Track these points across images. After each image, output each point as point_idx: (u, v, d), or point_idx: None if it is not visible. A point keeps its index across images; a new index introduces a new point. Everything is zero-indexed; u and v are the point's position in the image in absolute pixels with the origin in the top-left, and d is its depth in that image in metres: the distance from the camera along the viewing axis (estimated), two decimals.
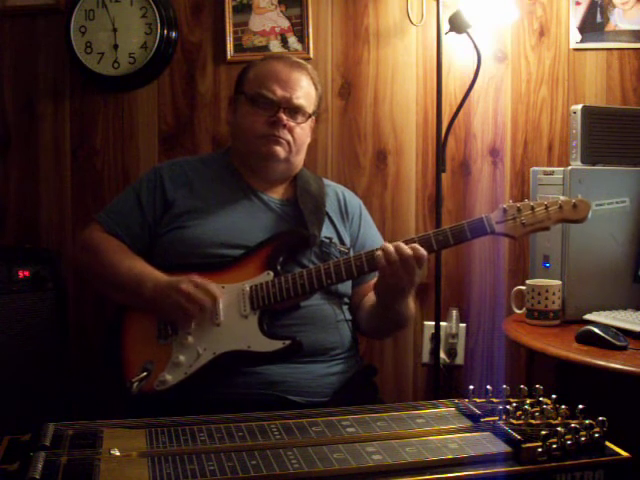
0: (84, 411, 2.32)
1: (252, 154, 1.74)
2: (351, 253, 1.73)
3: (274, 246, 1.65)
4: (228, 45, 2.40)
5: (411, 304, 1.71)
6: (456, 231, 1.54)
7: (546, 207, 1.52)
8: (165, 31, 2.39)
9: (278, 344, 1.57)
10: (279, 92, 1.70)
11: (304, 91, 1.74)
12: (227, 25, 2.39)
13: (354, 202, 1.89)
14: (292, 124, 1.72)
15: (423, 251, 1.50)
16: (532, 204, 1.53)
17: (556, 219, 1.53)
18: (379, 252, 1.52)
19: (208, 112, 2.45)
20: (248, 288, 1.61)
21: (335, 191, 1.87)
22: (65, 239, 2.49)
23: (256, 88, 1.72)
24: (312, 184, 1.81)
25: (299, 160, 1.80)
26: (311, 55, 2.37)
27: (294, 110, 1.72)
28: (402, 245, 1.51)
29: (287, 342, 1.58)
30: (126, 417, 1.22)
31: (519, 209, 1.53)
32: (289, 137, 1.72)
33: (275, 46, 2.39)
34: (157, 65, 2.43)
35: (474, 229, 1.54)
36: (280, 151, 1.72)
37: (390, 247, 1.50)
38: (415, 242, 1.53)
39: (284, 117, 1.70)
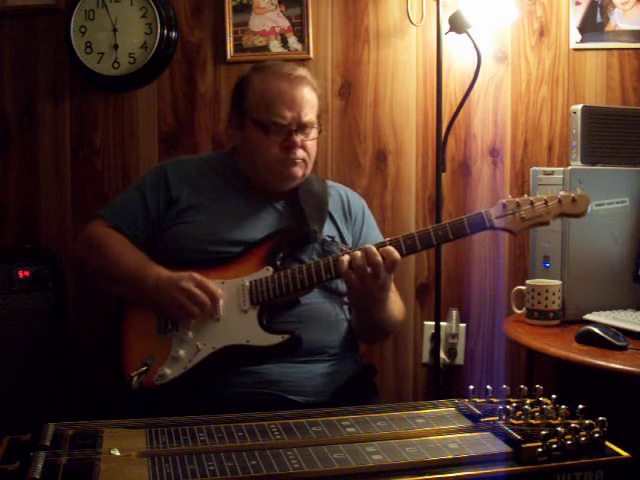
0: (84, 411, 2.32)
1: (270, 176, 1.73)
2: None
3: (274, 242, 1.66)
4: (228, 45, 2.40)
5: (393, 308, 1.70)
6: (455, 226, 1.54)
7: (545, 202, 1.53)
8: (165, 31, 2.39)
9: (277, 338, 1.58)
10: (289, 115, 1.67)
11: (310, 105, 1.72)
12: (227, 25, 2.39)
13: (357, 203, 1.89)
14: (305, 141, 1.71)
15: (376, 257, 1.50)
16: (531, 199, 1.54)
17: (555, 213, 1.54)
18: (344, 257, 1.53)
19: (208, 112, 2.45)
20: (248, 283, 1.61)
21: (338, 192, 1.87)
22: (65, 239, 2.49)
23: (264, 115, 1.68)
24: (315, 184, 1.81)
25: (311, 168, 1.79)
26: (311, 55, 2.37)
27: (304, 127, 1.71)
28: (373, 249, 1.52)
29: (286, 336, 1.58)
30: (126, 416, 1.22)
31: (518, 204, 1.53)
32: (304, 155, 1.71)
33: (275, 46, 2.39)
34: (157, 65, 2.43)
35: (473, 224, 1.54)
36: (298, 171, 1.71)
37: (357, 253, 1.52)
38: (414, 239, 1.54)
39: (297, 139, 1.68)
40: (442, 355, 2.35)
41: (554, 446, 1.04)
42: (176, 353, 1.59)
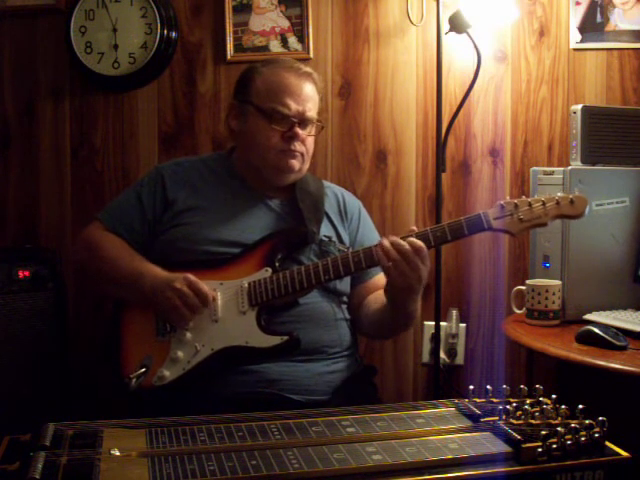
0: (84, 411, 2.32)
1: (267, 167, 1.74)
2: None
3: (273, 243, 1.66)
4: (228, 45, 2.40)
5: (419, 303, 1.71)
6: (454, 227, 1.54)
7: (543, 203, 1.53)
8: (165, 31, 2.39)
9: (276, 340, 1.58)
10: (294, 107, 1.70)
11: (313, 101, 1.75)
12: (227, 25, 2.39)
13: (353, 203, 1.89)
14: (305, 136, 1.73)
15: (420, 243, 1.50)
16: (529, 200, 1.54)
17: (553, 215, 1.53)
18: (377, 248, 1.52)
19: (208, 112, 2.45)
20: (246, 284, 1.62)
21: (334, 192, 1.88)
22: (65, 239, 2.49)
23: (270, 103, 1.71)
24: (311, 185, 1.82)
25: (307, 165, 1.80)
26: (311, 55, 2.37)
27: (307, 121, 1.73)
28: (398, 240, 1.51)
29: (285, 338, 1.58)
30: (126, 416, 1.22)
31: (516, 205, 1.53)
32: (303, 149, 1.73)
33: (275, 46, 2.39)
34: (157, 65, 2.43)
35: (471, 225, 1.54)
36: (296, 164, 1.73)
37: (386, 243, 1.51)
38: (412, 237, 1.54)
39: (300, 132, 1.71)
40: (442, 355, 2.35)
41: (554, 446, 1.04)
42: (175, 354, 1.60)
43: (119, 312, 1.72)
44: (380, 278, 1.73)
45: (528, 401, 1.19)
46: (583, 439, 1.06)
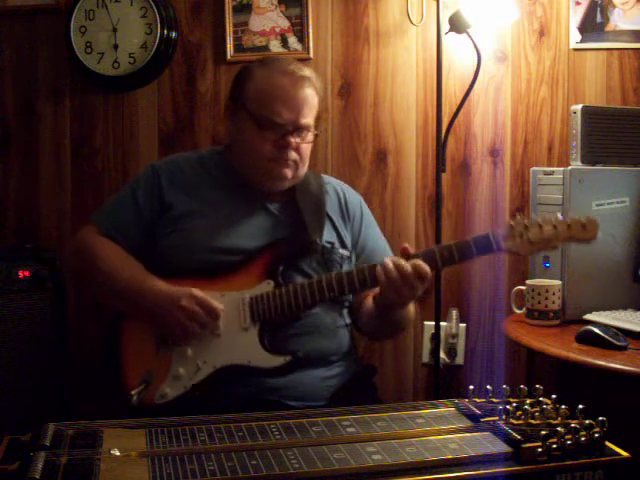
0: (84, 411, 2.32)
1: (258, 174, 1.67)
2: (352, 256, 1.72)
3: (274, 253, 1.60)
4: (228, 45, 2.40)
5: (411, 308, 1.69)
6: (461, 247, 1.49)
7: (554, 226, 1.47)
8: (165, 31, 2.39)
9: (279, 360, 1.53)
10: (286, 115, 1.62)
11: (309, 107, 1.66)
12: (227, 25, 2.39)
13: (354, 200, 1.83)
14: (300, 144, 1.66)
15: (426, 269, 1.46)
16: (540, 222, 1.47)
17: (564, 238, 1.48)
18: (379, 268, 1.49)
19: (208, 112, 2.45)
20: (248, 298, 1.56)
21: (335, 189, 1.82)
22: (65, 239, 2.49)
23: (261, 110, 1.63)
24: (312, 183, 1.76)
25: (304, 171, 1.73)
26: (311, 55, 2.37)
27: (301, 129, 1.65)
28: (401, 262, 1.47)
29: (288, 358, 1.53)
30: (126, 417, 1.21)
31: (526, 227, 1.47)
32: (296, 157, 1.65)
33: (275, 46, 2.39)
34: (157, 65, 2.43)
35: (480, 246, 1.49)
36: (288, 172, 1.66)
37: (390, 265, 1.47)
38: (419, 258, 1.49)
39: (292, 140, 1.63)
40: (442, 355, 2.35)
41: (554, 446, 1.04)
42: (176, 372, 1.54)
43: (118, 324, 1.65)
44: None
45: (528, 401, 1.19)
46: (583, 439, 1.06)
